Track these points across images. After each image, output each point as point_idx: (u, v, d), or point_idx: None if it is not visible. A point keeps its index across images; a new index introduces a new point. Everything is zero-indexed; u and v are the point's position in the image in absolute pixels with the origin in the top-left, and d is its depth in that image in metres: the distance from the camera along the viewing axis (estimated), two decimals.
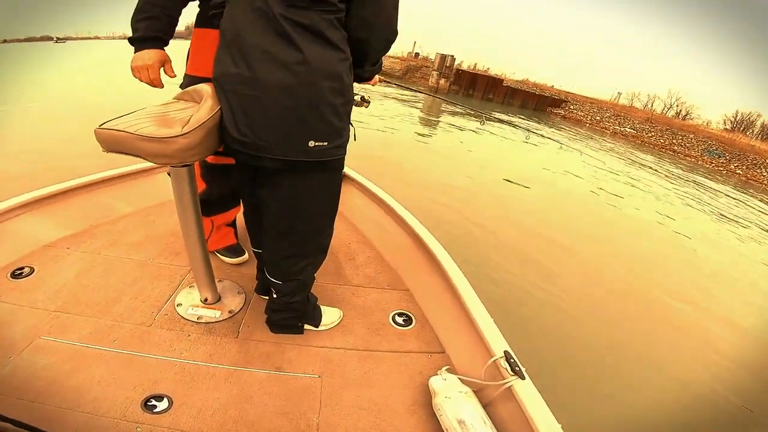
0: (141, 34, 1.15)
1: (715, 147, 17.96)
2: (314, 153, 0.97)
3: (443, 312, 1.50)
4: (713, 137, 20.10)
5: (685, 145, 18.07)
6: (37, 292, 1.38)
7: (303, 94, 0.91)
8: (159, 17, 1.15)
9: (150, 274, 1.55)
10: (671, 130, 20.10)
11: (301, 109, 0.92)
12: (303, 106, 0.91)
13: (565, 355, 2.59)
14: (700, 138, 19.36)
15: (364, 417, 1.13)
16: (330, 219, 1.22)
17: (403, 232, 1.90)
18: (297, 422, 1.09)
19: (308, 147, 0.95)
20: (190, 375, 1.16)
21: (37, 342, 1.19)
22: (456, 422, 1.04)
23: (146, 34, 1.15)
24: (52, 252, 1.59)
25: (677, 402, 2.47)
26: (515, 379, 1.09)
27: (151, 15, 1.14)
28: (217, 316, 1.39)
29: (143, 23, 1.15)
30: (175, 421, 1.03)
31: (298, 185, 1.06)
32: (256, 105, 0.92)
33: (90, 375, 1.11)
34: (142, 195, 2.05)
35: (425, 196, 4.77)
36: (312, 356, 1.31)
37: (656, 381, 2.63)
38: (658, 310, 3.56)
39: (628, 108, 28.00)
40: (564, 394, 2.17)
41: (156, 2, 1.14)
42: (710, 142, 18.70)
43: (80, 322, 1.28)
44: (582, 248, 4.50)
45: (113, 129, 0.97)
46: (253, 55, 0.90)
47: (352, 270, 1.78)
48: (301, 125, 0.93)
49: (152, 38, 1.16)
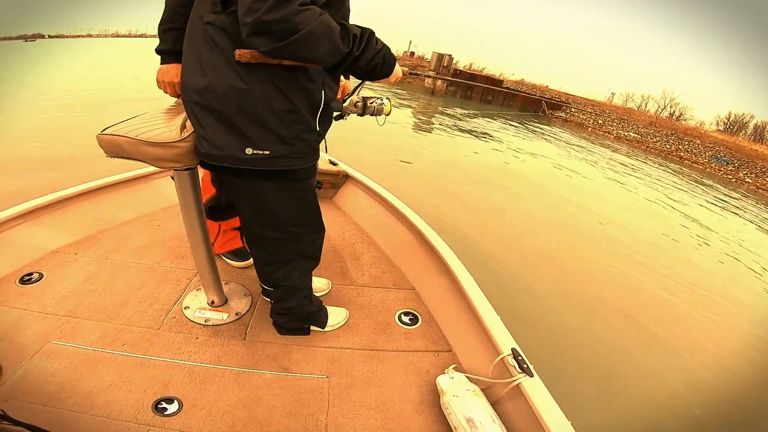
0: (168, 47, 1.12)
1: (722, 153, 17.43)
2: (254, 161, 0.92)
3: (449, 310, 1.50)
4: (719, 143, 19.58)
5: (692, 151, 17.37)
6: (46, 297, 1.39)
7: (231, 100, 0.87)
8: (185, 28, 1.09)
9: (157, 277, 1.56)
10: (676, 135, 19.58)
11: (231, 115, 0.88)
12: (231, 111, 0.88)
13: (574, 351, 2.58)
14: (707, 143, 18.80)
15: (372, 416, 1.13)
16: (306, 227, 1.19)
17: (408, 231, 1.90)
18: (305, 423, 1.09)
19: (245, 155, 0.91)
20: (199, 377, 1.17)
21: (48, 346, 1.20)
22: (465, 420, 1.04)
23: (174, 47, 1.10)
24: (60, 257, 1.60)
25: (690, 398, 2.45)
26: (523, 376, 1.09)
27: (178, 26, 1.09)
28: (225, 318, 1.40)
29: (170, 34, 1.11)
30: (185, 423, 1.04)
31: (256, 194, 1.03)
32: (198, 111, 0.92)
33: (101, 378, 1.12)
34: (147, 199, 2.07)
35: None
36: (319, 357, 1.31)
37: (671, 376, 2.61)
38: (674, 308, 3.54)
39: (630, 111, 27.60)
40: (574, 390, 2.16)
41: (183, 12, 1.06)
42: (717, 148, 18.10)
43: (89, 326, 1.29)
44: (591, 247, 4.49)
45: (115, 134, 0.98)
46: (190, 62, 0.91)
47: (357, 270, 1.79)
48: (234, 132, 0.90)
49: (179, 53, 1.09)
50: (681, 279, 4.15)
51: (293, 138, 0.93)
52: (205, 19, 0.88)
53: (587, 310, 3.14)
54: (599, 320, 3.04)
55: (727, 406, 2.46)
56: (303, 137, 0.95)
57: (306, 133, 0.96)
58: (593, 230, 5.03)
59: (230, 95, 0.86)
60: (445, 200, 4.77)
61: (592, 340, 2.75)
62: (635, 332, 3.00)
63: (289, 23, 0.74)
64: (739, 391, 2.64)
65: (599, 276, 3.81)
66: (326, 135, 1.08)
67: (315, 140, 1.00)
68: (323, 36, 0.77)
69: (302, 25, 0.74)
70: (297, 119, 0.92)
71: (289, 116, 0.91)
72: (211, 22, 0.87)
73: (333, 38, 0.79)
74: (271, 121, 0.89)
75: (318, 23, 0.76)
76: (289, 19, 0.73)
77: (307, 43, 0.77)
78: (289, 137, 0.93)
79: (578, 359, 2.52)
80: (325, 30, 0.77)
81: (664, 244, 5.22)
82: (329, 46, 0.79)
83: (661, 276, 4.09)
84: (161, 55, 1.15)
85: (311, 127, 0.97)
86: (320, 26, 0.76)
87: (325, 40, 0.78)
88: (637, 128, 20.42)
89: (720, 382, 2.68)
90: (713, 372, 2.78)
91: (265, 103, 0.87)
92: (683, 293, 3.84)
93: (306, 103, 0.93)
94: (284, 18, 0.73)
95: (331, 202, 2.42)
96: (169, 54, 1.14)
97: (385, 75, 0.97)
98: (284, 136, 0.92)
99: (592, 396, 2.24)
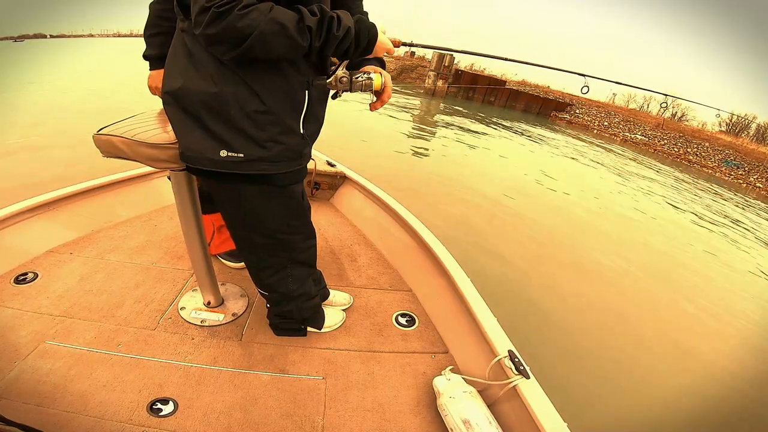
0: (155, 53, 1.11)
1: (732, 157, 17.15)
2: (229, 164, 0.89)
3: (446, 312, 1.50)
4: (728, 145, 19.28)
5: (701, 154, 17.05)
6: (41, 297, 1.38)
7: (202, 102, 0.85)
8: (171, 33, 1.10)
9: (153, 278, 1.56)
10: (684, 138, 19.27)
11: (203, 116, 0.86)
12: (203, 113, 0.86)
13: (571, 354, 2.58)
14: (716, 147, 18.50)
15: (369, 418, 1.13)
16: (297, 235, 1.16)
17: (405, 233, 1.90)
18: (302, 424, 1.09)
19: (219, 157, 0.88)
20: (194, 378, 1.17)
21: (42, 347, 1.19)
22: (461, 422, 1.04)
23: (161, 52, 1.08)
24: (55, 257, 1.59)
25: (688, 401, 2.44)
26: (520, 378, 1.09)
27: (163, 31, 1.09)
28: (221, 319, 1.39)
29: (156, 39, 1.10)
30: (180, 425, 1.03)
31: (238, 197, 1.01)
32: (174, 113, 0.90)
33: (95, 379, 1.12)
34: (143, 199, 2.06)
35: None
36: (315, 358, 1.31)
37: (667, 378, 2.61)
38: (672, 310, 3.53)
39: (634, 112, 27.27)
40: (571, 392, 2.17)
41: (167, 16, 1.06)
42: (727, 151, 17.80)
43: (84, 326, 1.29)
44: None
45: (111, 135, 0.98)
46: (169, 66, 0.90)
47: (354, 271, 1.78)
48: (208, 134, 0.87)
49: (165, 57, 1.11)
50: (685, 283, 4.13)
51: (268, 140, 0.90)
52: (179, 27, 0.88)
53: (584, 311, 3.14)
54: (596, 322, 3.04)
55: (726, 411, 2.45)
56: (281, 140, 0.91)
57: (285, 135, 0.91)
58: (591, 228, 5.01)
59: (201, 97, 0.84)
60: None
61: (589, 342, 2.76)
62: (633, 334, 3.01)
63: (234, 31, 0.72)
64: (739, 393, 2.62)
65: (598, 277, 3.80)
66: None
67: (297, 144, 0.95)
68: (277, 34, 0.74)
69: (250, 28, 0.72)
70: (272, 121, 0.88)
71: (262, 117, 0.87)
72: (184, 30, 0.87)
73: (288, 34, 0.75)
74: (243, 122, 0.86)
75: (267, 22, 0.73)
76: (233, 27, 0.71)
77: (263, 45, 0.74)
78: (264, 140, 0.89)
79: (575, 361, 2.53)
80: (277, 28, 0.74)
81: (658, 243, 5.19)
82: (287, 42, 0.76)
83: (663, 279, 4.08)
84: (149, 61, 1.15)
85: (292, 129, 0.92)
86: (271, 25, 0.73)
87: (280, 38, 0.75)
88: (644, 130, 20.13)
89: (719, 386, 2.67)
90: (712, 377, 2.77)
91: (237, 105, 0.84)
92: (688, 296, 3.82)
93: (283, 104, 0.89)
94: (227, 28, 0.72)
95: (329, 203, 2.41)
96: (156, 59, 1.13)
97: (363, 54, 0.91)
98: (259, 138, 0.88)
99: (589, 398, 2.24)
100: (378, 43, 0.92)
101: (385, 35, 0.96)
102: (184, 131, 0.90)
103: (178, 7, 0.86)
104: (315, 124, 1.01)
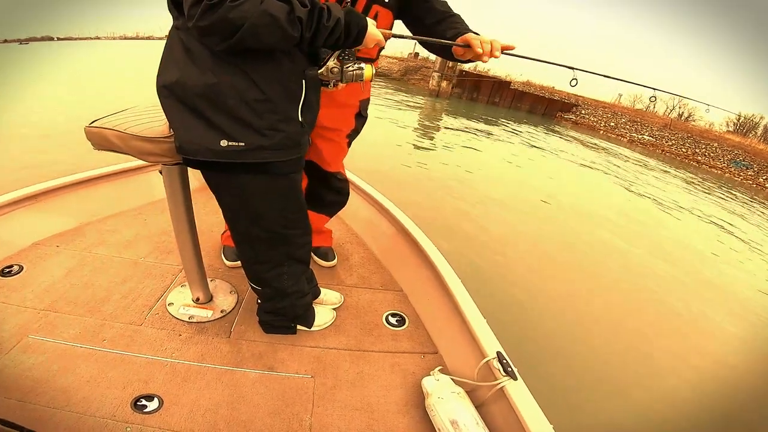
0: None
1: (741, 157, 16.86)
2: (230, 154, 0.90)
3: (436, 312, 1.50)
4: (736, 145, 19.15)
5: (709, 155, 16.86)
6: (25, 290, 1.36)
7: (201, 92, 0.85)
8: None
9: (141, 272, 1.54)
10: (693, 138, 19.08)
11: (202, 107, 0.87)
12: (202, 104, 0.86)
13: (558, 356, 2.59)
14: (725, 147, 18.32)
15: (357, 417, 1.12)
16: (296, 230, 1.16)
17: (397, 233, 1.90)
18: (289, 422, 1.08)
19: (220, 147, 0.89)
20: (181, 375, 1.15)
21: (26, 341, 1.17)
22: (449, 423, 1.03)
23: None
24: (42, 250, 1.57)
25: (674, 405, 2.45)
26: (507, 379, 1.09)
27: None
28: (209, 315, 1.38)
29: None
30: (165, 421, 1.02)
31: (238, 188, 1.01)
32: (171, 105, 0.90)
33: (79, 374, 1.10)
34: (134, 193, 2.04)
35: None
36: (305, 356, 1.30)
37: (654, 382, 2.62)
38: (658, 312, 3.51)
39: (640, 112, 26.92)
40: (557, 394, 2.17)
41: None
42: (736, 152, 17.67)
43: (69, 321, 1.27)
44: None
45: (103, 127, 0.97)
46: (165, 60, 0.90)
47: (345, 270, 1.78)
48: (207, 124, 0.88)
49: None
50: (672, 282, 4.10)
51: (269, 128, 0.91)
52: (174, 24, 0.89)
53: (573, 314, 3.14)
54: (585, 325, 3.06)
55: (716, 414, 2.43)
56: (280, 128, 0.92)
57: (284, 123, 0.93)
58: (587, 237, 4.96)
59: (200, 89, 0.85)
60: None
61: (577, 345, 2.77)
62: (622, 337, 3.02)
63: (226, 22, 0.73)
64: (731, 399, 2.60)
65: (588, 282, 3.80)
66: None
67: (296, 132, 0.96)
68: (268, 25, 0.76)
69: (241, 20, 0.73)
70: (271, 109, 0.89)
71: (261, 106, 0.88)
72: (178, 27, 0.87)
73: (279, 25, 0.76)
74: (243, 111, 0.87)
75: (259, 14, 0.74)
76: (225, 18, 0.73)
77: (255, 35, 0.76)
78: (264, 128, 0.90)
79: (562, 363, 2.54)
80: (269, 19, 0.75)
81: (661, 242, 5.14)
82: (278, 33, 0.77)
83: (656, 278, 4.08)
84: None
85: (290, 117, 0.94)
86: (263, 16, 0.74)
87: (272, 29, 0.76)
88: (651, 131, 19.97)
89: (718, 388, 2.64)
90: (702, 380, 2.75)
91: (236, 94, 0.85)
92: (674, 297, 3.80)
93: (281, 93, 0.90)
94: (219, 19, 0.73)
95: None
96: None
97: (353, 45, 0.93)
98: (258, 126, 0.89)
99: (576, 400, 2.26)
100: (368, 35, 0.93)
101: (376, 27, 0.97)
102: (182, 123, 0.90)
103: (171, 5, 0.87)
104: (312, 113, 1.02)
